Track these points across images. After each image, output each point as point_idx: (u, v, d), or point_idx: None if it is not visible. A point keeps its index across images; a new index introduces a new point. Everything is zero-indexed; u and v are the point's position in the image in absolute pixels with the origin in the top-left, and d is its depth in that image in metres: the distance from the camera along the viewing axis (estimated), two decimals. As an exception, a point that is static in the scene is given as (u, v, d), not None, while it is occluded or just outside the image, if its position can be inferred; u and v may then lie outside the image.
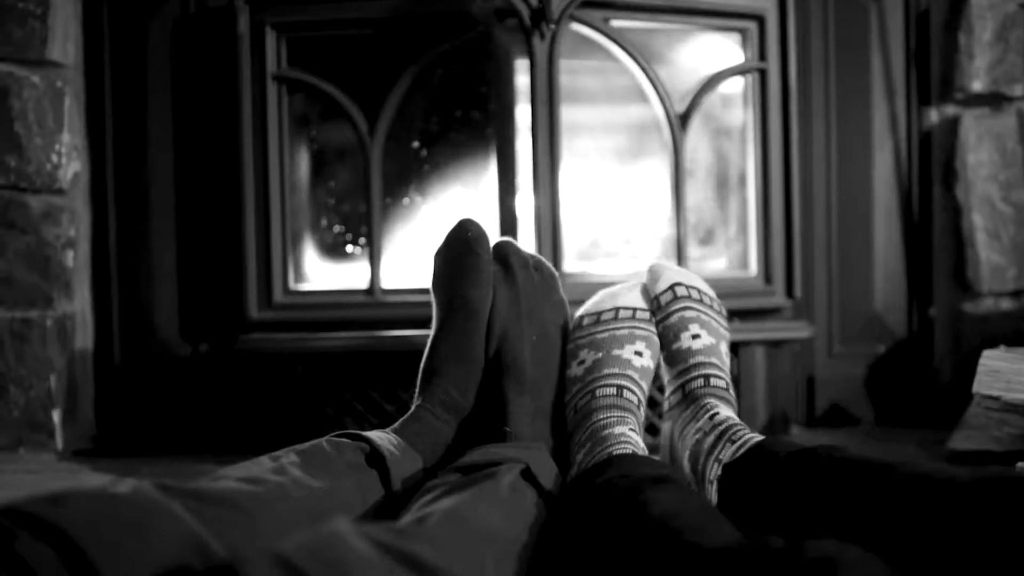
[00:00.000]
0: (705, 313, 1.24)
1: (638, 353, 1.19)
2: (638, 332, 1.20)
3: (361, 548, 0.58)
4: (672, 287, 1.25)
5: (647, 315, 1.23)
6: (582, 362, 1.19)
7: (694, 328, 1.21)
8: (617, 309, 1.23)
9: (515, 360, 1.18)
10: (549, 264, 1.30)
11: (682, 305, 1.23)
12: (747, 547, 0.63)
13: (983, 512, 0.70)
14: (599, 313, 1.23)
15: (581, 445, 1.11)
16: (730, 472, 1.02)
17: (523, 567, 0.78)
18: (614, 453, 1.05)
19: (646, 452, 1.08)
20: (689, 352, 1.20)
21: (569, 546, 0.85)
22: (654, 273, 1.29)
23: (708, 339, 1.21)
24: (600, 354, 1.18)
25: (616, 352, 1.18)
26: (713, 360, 1.20)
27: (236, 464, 0.87)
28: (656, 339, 1.22)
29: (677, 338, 1.21)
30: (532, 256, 1.29)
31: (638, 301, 1.24)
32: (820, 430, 1.89)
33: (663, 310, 1.24)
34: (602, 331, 1.21)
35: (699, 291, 1.26)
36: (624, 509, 0.80)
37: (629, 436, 1.08)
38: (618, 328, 1.21)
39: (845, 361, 1.94)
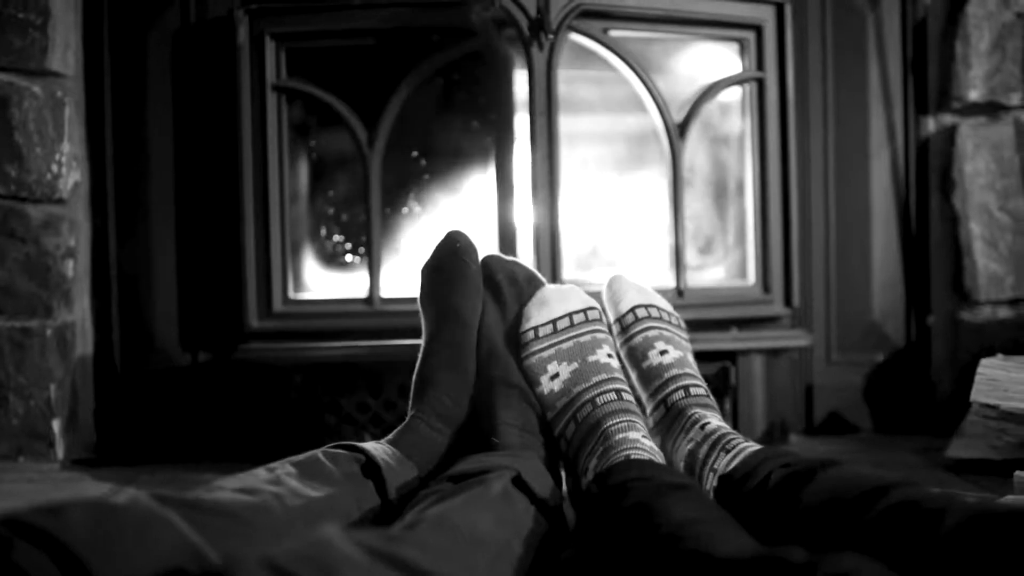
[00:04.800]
0: (667, 329, 1.26)
1: (610, 355, 1.20)
2: (599, 335, 1.21)
3: (351, 553, 0.59)
4: (632, 310, 1.27)
5: (596, 313, 1.24)
6: (555, 376, 1.18)
7: (660, 345, 1.23)
8: (570, 315, 1.22)
9: (502, 375, 1.18)
10: (540, 277, 1.30)
11: (644, 326, 1.25)
12: (766, 558, 0.63)
13: (978, 545, 0.70)
14: (553, 321, 1.22)
15: (593, 452, 1.10)
16: (725, 483, 1.02)
17: (516, 572, 0.79)
18: (632, 456, 1.05)
19: (662, 460, 1.08)
20: (661, 367, 1.21)
21: (585, 545, 0.85)
22: (614, 292, 1.31)
23: (675, 352, 1.22)
24: (575, 363, 1.18)
25: (592, 359, 1.18)
26: (687, 371, 1.21)
27: (232, 475, 0.88)
28: (612, 339, 1.24)
29: (645, 356, 1.23)
30: (523, 270, 1.29)
31: (584, 300, 1.24)
32: (819, 438, 1.89)
33: (625, 333, 1.26)
34: (564, 340, 1.21)
35: (658, 308, 1.28)
36: (641, 512, 0.80)
37: (643, 443, 1.08)
38: (580, 334, 1.21)
39: (843, 369, 1.94)
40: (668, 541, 0.73)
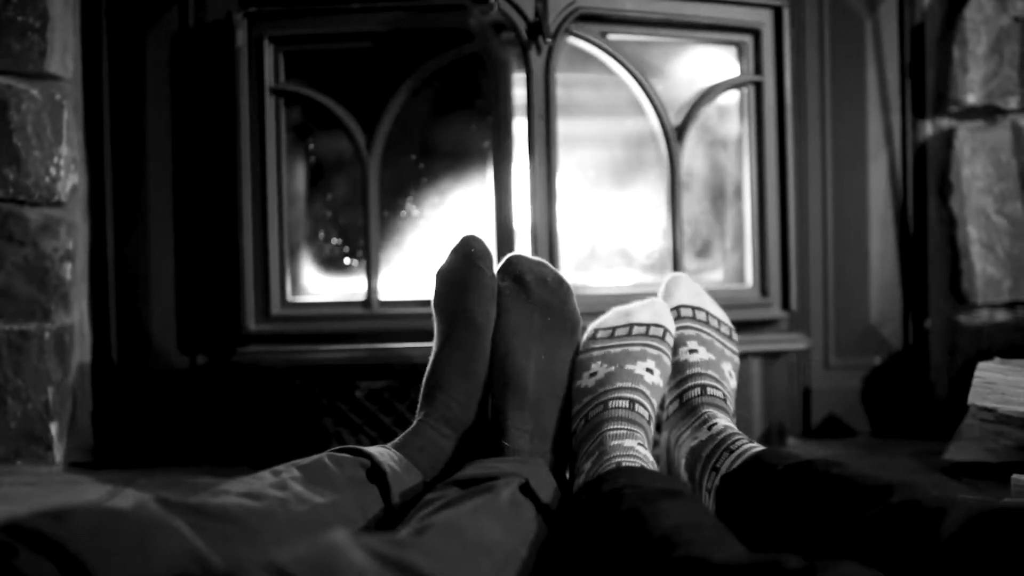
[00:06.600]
0: (706, 333, 1.27)
1: (649, 370, 1.20)
2: (650, 350, 1.22)
3: (357, 558, 0.59)
4: (677, 308, 1.30)
5: (660, 331, 1.25)
6: (593, 374, 1.20)
7: (691, 344, 1.24)
8: (631, 325, 1.25)
9: (516, 376, 1.18)
10: (568, 282, 1.30)
11: (682, 325, 1.28)
12: (762, 564, 0.63)
13: (979, 543, 0.70)
14: (613, 328, 1.26)
15: (589, 454, 1.11)
16: (728, 483, 1.03)
17: (522, 580, 0.79)
18: (623, 464, 1.05)
19: (655, 468, 1.08)
20: (686, 364, 1.22)
21: (574, 553, 0.85)
22: (668, 289, 1.35)
23: (706, 355, 1.23)
24: (613, 367, 1.20)
25: (629, 367, 1.19)
26: (710, 372, 1.22)
27: (237, 479, 0.88)
28: (667, 360, 1.24)
29: (675, 352, 1.25)
30: (552, 272, 1.30)
31: (652, 318, 1.27)
32: (816, 442, 1.89)
33: None
34: (616, 345, 1.23)
35: (705, 313, 1.30)
36: (632, 519, 0.80)
37: (638, 451, 1.08)
38: (631, 344, 1.22)
39: (841, 373, 1.94)
40: (661, 547, 0.73)
